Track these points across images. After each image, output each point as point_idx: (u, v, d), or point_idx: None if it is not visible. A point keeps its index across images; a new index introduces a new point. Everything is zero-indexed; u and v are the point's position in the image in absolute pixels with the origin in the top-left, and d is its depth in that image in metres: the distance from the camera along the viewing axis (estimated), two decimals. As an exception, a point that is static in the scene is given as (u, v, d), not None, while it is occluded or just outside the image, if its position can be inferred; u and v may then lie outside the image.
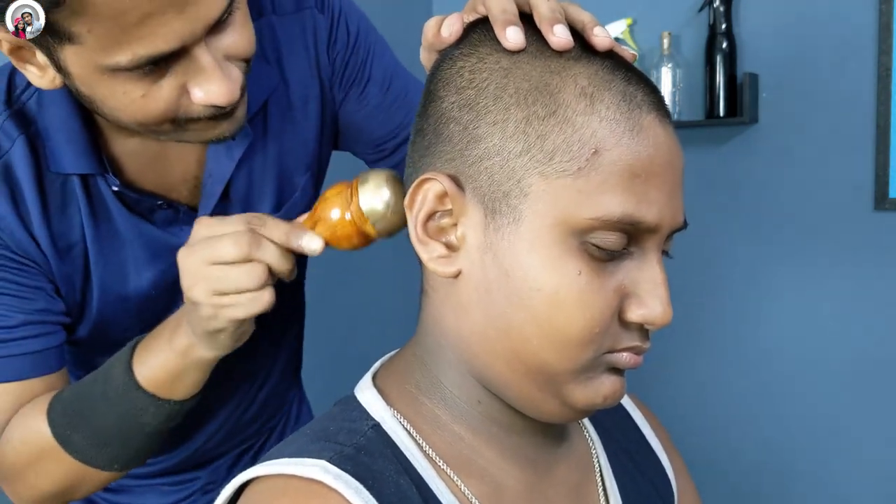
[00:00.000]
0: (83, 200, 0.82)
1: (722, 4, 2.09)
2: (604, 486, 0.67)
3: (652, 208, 0.53)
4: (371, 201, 0.66)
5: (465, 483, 0.58)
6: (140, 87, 0.69)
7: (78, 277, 0.85)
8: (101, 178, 0.82)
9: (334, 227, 0.69)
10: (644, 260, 0.55)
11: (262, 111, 0.90)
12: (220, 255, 0.68)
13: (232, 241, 0.68)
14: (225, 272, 0.68)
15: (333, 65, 0.94)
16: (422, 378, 0.61)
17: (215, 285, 0.69)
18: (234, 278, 0.68)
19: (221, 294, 0.69)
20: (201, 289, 0.69)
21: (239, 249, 0.68)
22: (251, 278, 0.68)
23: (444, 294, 0.58)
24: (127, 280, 0.87)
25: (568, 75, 0.54)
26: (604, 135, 0.53)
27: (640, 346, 0.56)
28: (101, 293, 0.86)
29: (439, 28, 0.61)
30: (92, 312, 0.87)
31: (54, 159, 0.80)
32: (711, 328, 2.26)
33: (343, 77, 0.95)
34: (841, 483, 2.12)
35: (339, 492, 0.52)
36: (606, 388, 0.56)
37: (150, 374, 0.77)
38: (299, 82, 0.92)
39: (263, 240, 0.69)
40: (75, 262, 0.84)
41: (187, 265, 0.70)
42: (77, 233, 0.83)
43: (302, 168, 0.95)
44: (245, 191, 0.90)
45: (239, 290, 0.69)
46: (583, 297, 0.53)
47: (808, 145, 2.10)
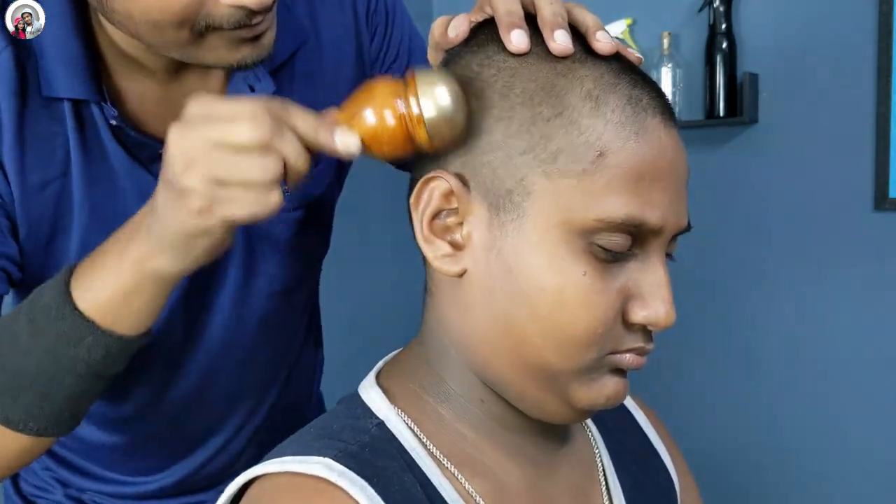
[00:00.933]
0: (74, 131, 0.72)
1: (722, 4, 2.09)
2: (607, 485, 0.67)
3: (656, 210, 0.54)
4: (431, 101, 0.55)
5: (469, 481, 0.58)
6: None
7: (46, 222, 0.73)
8: (98, 108, 0.72)
9: (378, 126, 0.56)
10: (648, 262, 0.55)
11: (290, 65, 0.81)
12: (232, 137, 0.55)
13: (250, 122, 0.55)
14: (233, 157, 0.55)
15: (373, 34, 0.89)
16: (426, 377, 0.61)
17: (218, 171, 0.56)
18: (243, 167, 0.55)
19: (222, 184, 0.56)
20: (198, 173, 0.56)
21: (258, 132, 0.55)
22: (264, 170, 0.55)
23: (449, 293, 0.59)
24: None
25: (574, 77, 0.55)
26: (609, 137, 0.53)
27: (644, 347, 0.56)
28: (82, 250, 0.73)
29: (446, 28, 0.61)
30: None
31: (46, 81, 0.70)
32: (711, 328, 2.26)
33: (381, 50, 0.89)
34: (842, 483, 2.12)
35: (343, 489, 0.52)
36: (609, 388, 0.57)
37: (90, 295, 0.64)
38: (334, 40, 0.85)
39: (286, 128, 0.56)
40: (48, 203, 0.73)
41: (184, 144, 0.56)
42: (57, 169, 0.72)
43: None
44: None
45: (245, 181, 0.56)
46: (587, 297, 0.53)
47: (807, 145, 2.10)
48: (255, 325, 0.90)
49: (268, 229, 0.84)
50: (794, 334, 2.16)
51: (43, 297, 0.65)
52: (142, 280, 0.63)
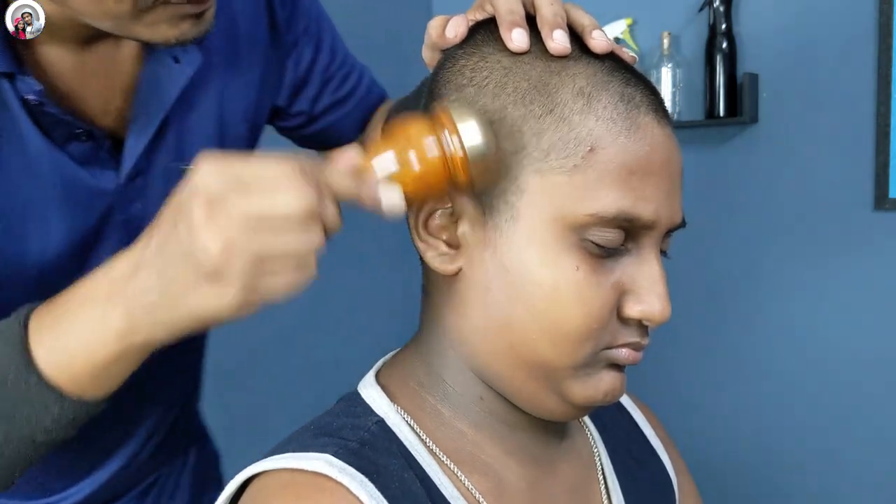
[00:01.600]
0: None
1: (722, 4, 2.09)
2: (606, 484, 0.67)
3: (649, 205, 0.54)
4: (475, 139, 0.50)
5: (468, 478, 0.58)
6: None
7: None
8: (9, 82, 0.64)
9: (422, 175, 0.51)
10: (642, 257, 0.56)
11: (206, 40, 0.76)
12: (276, 210, 0.48)
13: (294, 191, 0.49)
14: (278, 233, 0.49)
15: (284, 8, 0.86)
16: (424, 375, 0.61)
17: (260, 251, 0.49)
18: (289, 240, 0.49)
19: (265, 263, 0.49)
20: (241, 259, 0.48)
21: (304, 203, 0.49)
22: (311, 241, 0.50)
23: (445, 292, 0.59)
24: (26, 227, 0.67)
25: (567, 75, 0.55)
26: (600, 133, 0.53)
27: (639, 343, 0.57)
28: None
29: (443, 28, 0.61)
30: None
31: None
32: (711, 328, 2.26)
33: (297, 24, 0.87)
34: (841, 483, 2.12)
35: (344, 485, 0.52)
36: (606, 384, 0.57)
37: (60, 361, 0.55)
38: (247, 18, 0.82)
39: (325, 196, 0.51)
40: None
41: (220, 227, 0.48)
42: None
43: (241, 115, 0.81)
44: (183, 132, 0.74)
45: (290, 256, 0.50)
46: (581, 292, 0.53)
47: (808, 145, 2.10)
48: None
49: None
50: (794, 334, 2.16)
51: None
52: (126, 351, 0.56)
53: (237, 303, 0.51)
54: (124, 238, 0.70)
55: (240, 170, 0.49)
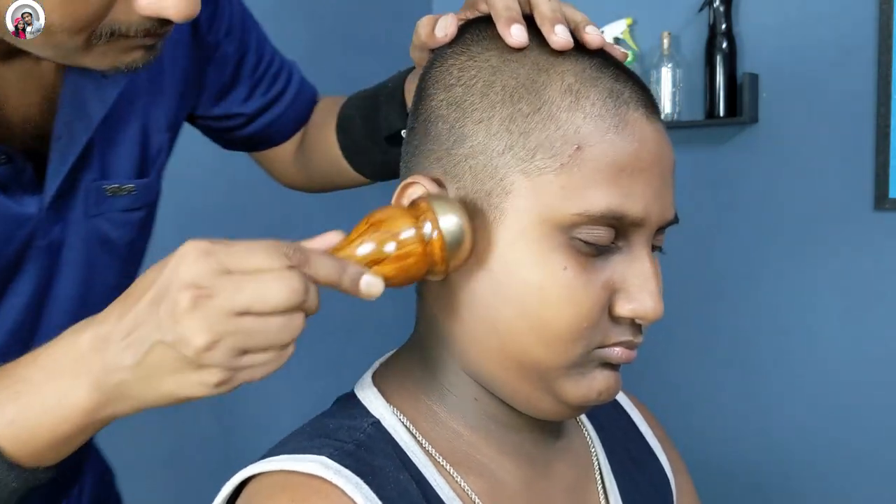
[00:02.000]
0: None
1: (722, 4, 2.09)
2: (603, 483, 0.67)
3: (638, 203, 0.53)
4: (454, 230, 0.52)
5: (464, 479, 0.58)
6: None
7: None
8: None
9: (405, 264, 0.53)
10: (633, 254, 0.55)
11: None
12: (262, 303, 0.48)
13: (282, 287, 0.49)
14: (260, 326, 0.49)
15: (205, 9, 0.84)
16: (420, 376, 0.61)
17: (245, 343, 0.49)
18: (272, 330, 0.49)
19: (246, 353, 0.50)
20: (222, 349, 0.49)
21: (293, 297, 0.49)
22: (291, 332, 0.50)
23: (435, 295, 0.59)
24: None
25: (555, 72, 0.55)
26: (588, 131, 0.53)
27: (632, 341, 0.56)
28: None
29: (433, 28, 0.61)
30: None
31: None
32: (710, 327, 2.26)
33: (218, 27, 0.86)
34: (840, 482, 2.12)
35: (339, 487, 0.52)
36: (600, 383, 0.57)
37: (23, 435, 0.54)
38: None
39: (311, 285, 0.51)
40: None
41: (207, 319, 0.48)
42: None
43: (164, 126, 0.79)
44: (106, 149, 0.72)
45: (271, 346, 0.50)
46: (569, 292, 0.53)
47: (808, 145, 2.10)
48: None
49: (111, 234, 0.76)
50: (794, 334, 2.16)
51: None
52: (92, 424, 0.55)
53: (215, 388, 0.51)
54: (45, 264, 0.67)
55: (225, 258, 0.49)
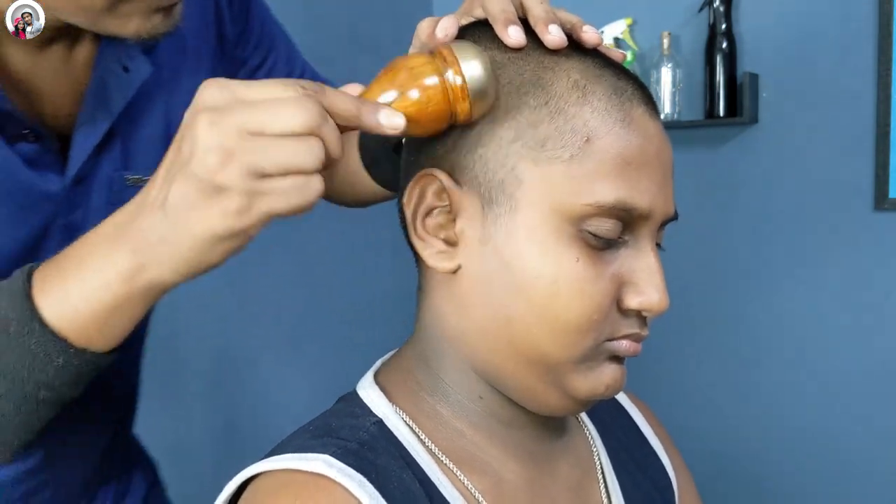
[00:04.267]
0: None
1: (722, 4, 2.10)
2: (605, 482, 0.67)
3: (644, 196, 0.55)
4: (474, 73, 0.53)
5: (467, 478, 0.58)
6: None
7: None
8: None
9: (423, 102, 0.53)
10: (639, 248, 0.56)
11: (155, 51, 0.79)
12: (277, 124, 0.48)
13: (296, 107, 0.49)
14: (278, 145, 0.49)
15: (234, 23, 0.88)
16: (423, 375, 0.61)
17: (260, 161, 0.48)
18: (289, 154, 0.49)
19: (264, 176, 0.49)
20: (239, 167, 0.48)
21: (306, 117, 0.49)
22: (309, 155, 0.49)
23: (444, 290, 0.59)
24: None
25: (560, 69, 0.56)
26: (596, 124, 0.54)
27: (639, 334, 0.57)
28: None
29: (433, 29, 0.61)
30: None
31: None
32: (710, 327, 2.26)
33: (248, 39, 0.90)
34: (839, 482, 2.13)
35: (343, 485, 0.52)
36: (608, 376, 0.57)
37: (67, 310, 0.55)
38: (194, 32, 0.84)
39: (328, 115, 0.51)
40: None
41: (218, 135, 0.49)
42: None
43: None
44: (129, 142, 0.76)
45: (290, 170, 0.49)
46: (581, 284, 0.54)
47: (808, 145, 2.10)
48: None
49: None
50: (794, 334, 2.16)
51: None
52: (132, 294, 0.55)
53: (237, 216, 0.50)
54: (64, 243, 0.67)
55: (244, 88, 0.50)
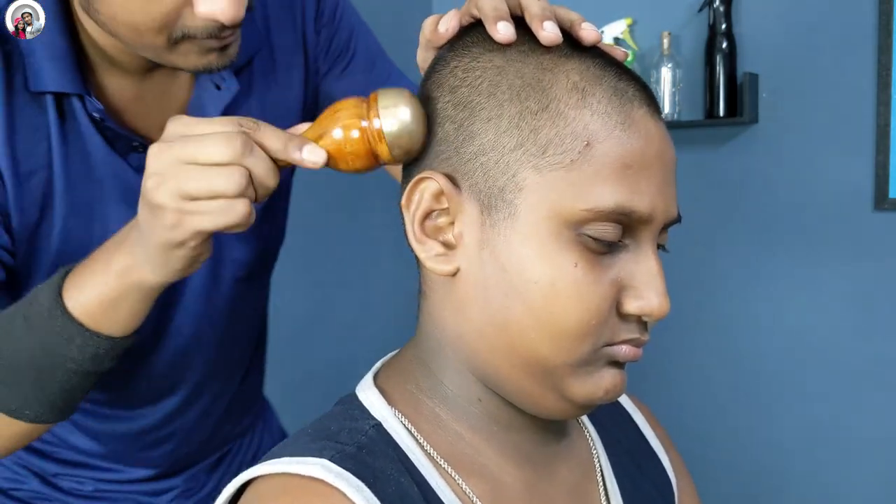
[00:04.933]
0: (56, 124, 0.77)
1: (722, 4, 2.10)
2: (604, 485, 0.67)
3: (644, 199, 0.54)
4: (392, 118, 0.58)
5: (465, 482, 0.58)
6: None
7: (34, 211, 0.79)
8: (80, 102, 0.78)
9: (343, 142, 0.59)
10: (639, 252, 0.56)
11: (249, 68, 0.89)
12: (204, 155, 0.58)
13: (222, 141, 0.58)
14: (202, 172, 0.58)
15: (319, 36, 0.95)
16: (422, 378, 0.61)
17: (185, 186, 0.59)
18: (208, 180, 0.58)
19: (190, 198, 0.59)
20: (168, 189, 0.59)
21: (228, 150, 0.58)
22: (229, 182, 0.58)
23: (443, 293, 0.59)
24: (92, 222, 0.81)
25: (560, 71, 0.55)
26: (596, 128, 0.54)
27: (639, 339, 0.56)
28: (63, 236, 0.80)
29: (436, 25, 0.61)
30: (45, 259, 0.80)
31: (34, 76, 0.75)
32: (711, 328, 2.26)
33: (328, 50, 0.96)
34: (839, 483, 2.13)
35: (340, 490, 0.52)
36: (607, 381, 0.57)
37: (81, 299, 0.69)
38: (284, 49, 0.92)
39: (255, 146, 0.60)
40: (34, 192, 0.78)
41: (158, 161, 0.60)
42: (41, 159, 0.78)
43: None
44: None
45: (212, 194, 0.59)
46: (579, 288, 0.53)
47: (808, 145, 2.10)
48: (222, 312, 0.96)
49: None
50: (794, 334, 2.16)
51: (38, 297, 0.70)
52: (126, 289, 0.68)
53: (171, 230, 0.61)
54: None
55: (190, 125, 0.60)
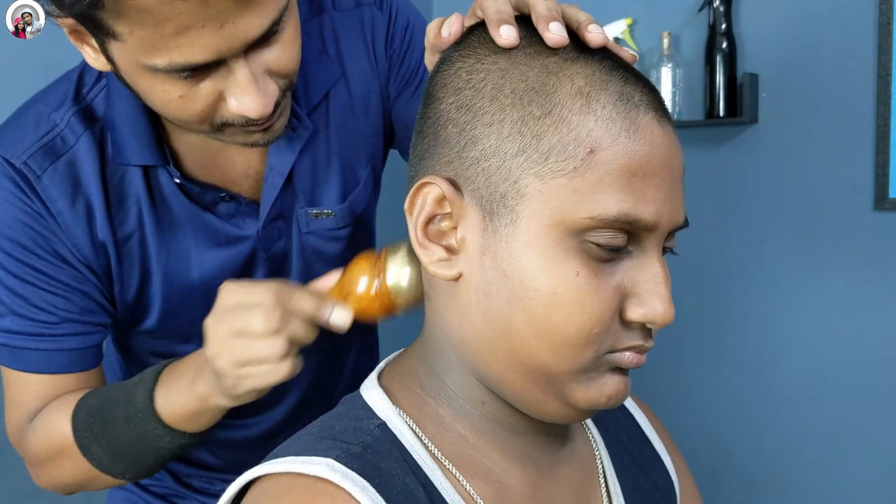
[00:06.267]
0: (144, 193, 0.85)
1: (722, 4, 2.09)
2: (607, 486, 0.67)
3: (649, 207, 0.53)
4: (397, 278, 0.68)
5: (469, 483, 0.58)
6: (178, 87, 0.71)
7: (135, 270, 0.88)
8: (164, 169, 0.85)
9: (360, 300, 0.71)
10: (644, 259, 0.55)
11: (325, 103, 0.92)
12: (248, 328, 0.70)
13: (262, 316, 0.70)
14: (249, 344, 0.71)
15: (390, 61, 0.97)
16: (426, 379, 0.61)
17: (239, 356, 0.71)
18: (256, 350, 0.71)
19: (244, 364, 0.72)
20: (225, 359, 0.72)
21: (268, 324, 0.70)
22: (272, 350, 0.71)
23: (446, 297, 0.59)
24: (190, 267, 0.90)
25: (565, 75, 0.54)
26: (599, 134, 0.53)
27: (643, 346, 0.56)
28: (166, 282, 0.89)
29: (440, 29, 0.61)
30: (156, 303, 0.90)
31: (118, 151, 0.83)
32: (710, 328, 2.26)
33: (399, 74, 0.97)
34: (841, 484, 2.13)
35: (346, 490, 0.52)
36: (610, 388, 0.56)
37: (169, 408, 0.80)
38: (359, 76, 0.95)
39: (293, 314, 0.71)
40: (133, 254, 0.87)
41: (215, 334, 0.72)
42: (133, 224, 0.86)
43: (364, 161, 0.97)
44: (310, 183, 0.93)
45: (260, 361, 0.71)
46: (580, 297, 0.53)
47: (808, 145, 2.10)
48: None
49: (322, 247, 0.96)
50: (794, 334, 2.16)
51: (135, 397, 0.81)
52: (205, 408, 0.79)
53: (231, 391, 0.75)
54: (271, 272, 0.94)
55: (238, 296, 0.72)
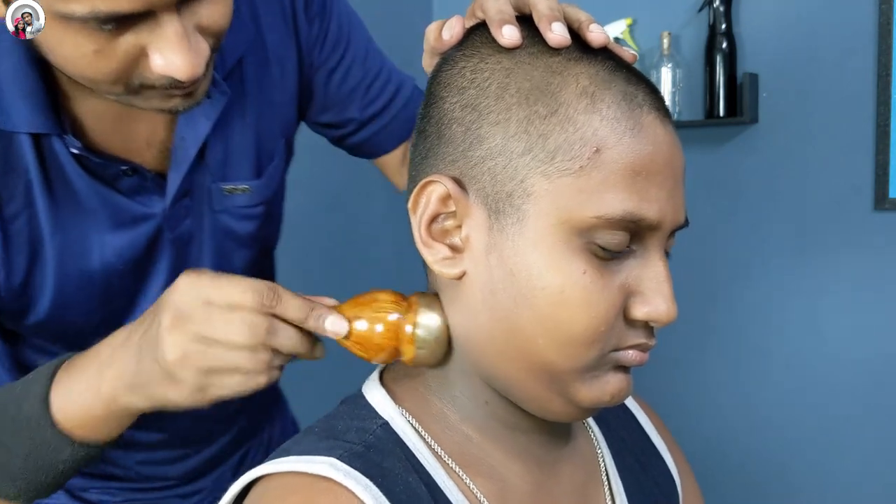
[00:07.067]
0: (34, 164, 0.73)
1: (722, 4, 2.10)
2: (609, 485, 0.67)
3: (653, 206, 0.53)
4: (427, 328, 0.59)
5: (472, 482, 0.58)
6: (94, 40, 0.62)
7: (22, 254, 0.75)
8: (59, 139, 0.74)
9: (372, 331, 0.60)
10: (647, 258, 0.55)
11: (239, 69, 0.85)
12: (227, 338, 0.59)
13: (245, 325, 0.59)
14: (223, 354, 0.60)
15: (311, 27, 0.91)
16: (430, 378, 0.61)
17: (210, 364, 0.60)
18: (231, 360, 0.60)
19: (215, 373, 0.60)
20: (193, 367, 0.60)
21: (253, 336, 0.59)
22: (254, 363, 0.60)
23: (450, 296, 0.59)
24: (90, 253, 0.78)
25: (569, 75, 0.55)
26: (605, 133, 0.53)
27: (646, 344, 0.56)
28: (60, 269, 0.77)
29: (440, 32, 0.61)
30: (46, 293, 0.77)
31: (4, 115, 0.71)
32: (710, 328, 2.26)
33: (324, 42, 0.93)
34: (843, 482, 2.13)
35: (349, 489, 0.52)
36: (613, 385, 0.57)
37: (67, 411, 0.67)
38: (276, 41, 0.88)
39: (280, 324, 0.61)
40: (21, 235, 0.75)
41: (179, 337, 0.60)
42: (20, 202, 0.74)
43: (278, 133, 0.90)
44: (222, 156, 0.84)
45: (236, 369, 0.60)
46: (587, 295, 0.53)
47: (808, 145, 2.10)
48: None
49: (234, 227, 0.88)
50: (794, 334, 2.16)
51: (28, 395, 0.68)
52: (113, 412, 0.67)
53: (189, 399, 0.62)
54: (177, 254, 0.83)
55: (208, 292, 0.60)
